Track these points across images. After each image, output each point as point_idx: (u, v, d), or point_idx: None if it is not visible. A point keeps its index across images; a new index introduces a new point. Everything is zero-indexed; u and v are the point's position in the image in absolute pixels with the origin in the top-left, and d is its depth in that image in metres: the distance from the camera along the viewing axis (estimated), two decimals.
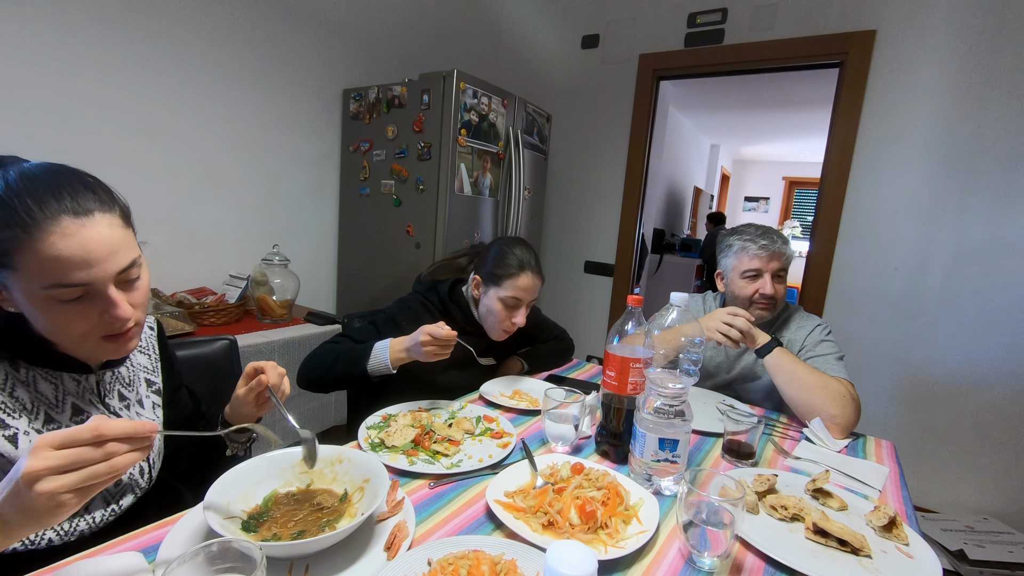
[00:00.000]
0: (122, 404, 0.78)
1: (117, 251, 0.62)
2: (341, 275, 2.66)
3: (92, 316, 0.62)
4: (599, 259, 3.12)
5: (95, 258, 0.60)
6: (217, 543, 0.51)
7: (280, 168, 2.32)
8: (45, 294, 0.59)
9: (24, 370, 0.67)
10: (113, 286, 0.63)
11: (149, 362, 0.87)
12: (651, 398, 0.86)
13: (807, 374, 1.18)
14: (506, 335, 1.33)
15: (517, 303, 1.28)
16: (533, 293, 1.30)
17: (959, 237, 2.12)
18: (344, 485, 0.77)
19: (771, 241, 1.36)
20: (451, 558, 0.62)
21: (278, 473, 0.77)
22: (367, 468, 0.76)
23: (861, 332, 2.33)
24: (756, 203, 8.41)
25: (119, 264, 0.62)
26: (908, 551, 0.74)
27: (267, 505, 0.72)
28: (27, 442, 0.64)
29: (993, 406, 2.10)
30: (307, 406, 2.00)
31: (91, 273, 0.60)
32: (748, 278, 1.38)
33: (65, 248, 0.58)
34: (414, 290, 1.42)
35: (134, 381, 0.82)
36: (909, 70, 2.16)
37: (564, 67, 3.09)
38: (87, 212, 0.60)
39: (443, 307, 1.35)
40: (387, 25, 2.67)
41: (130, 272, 0.64)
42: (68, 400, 0.70)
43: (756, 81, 4.11)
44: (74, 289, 0.60)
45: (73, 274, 0.59)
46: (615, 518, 0.73)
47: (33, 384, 0.67)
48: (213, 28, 1.98)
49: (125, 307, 0.63)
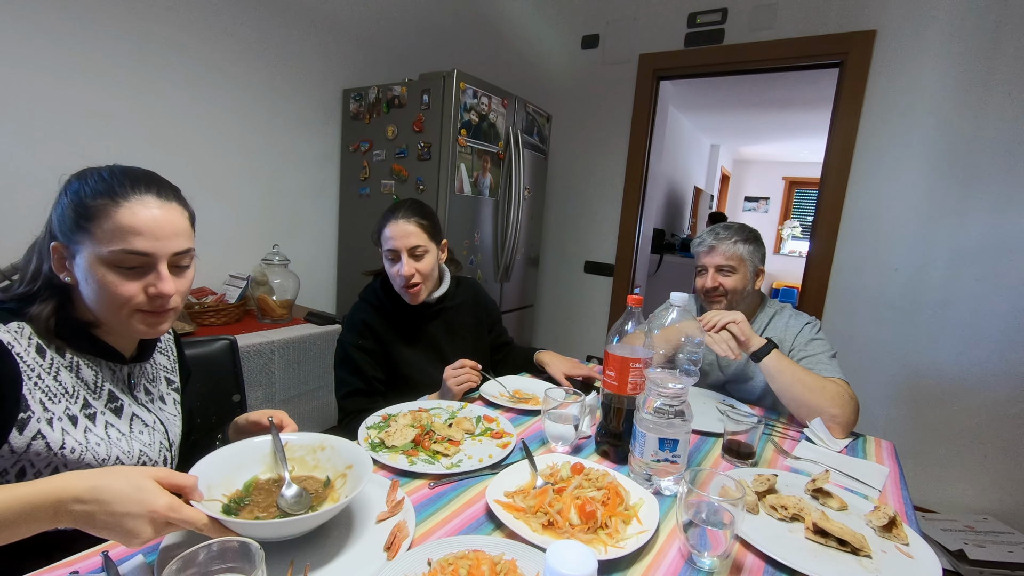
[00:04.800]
0: (147, 398, 0.83)
1: (180, 235, 0.72)
2: (341, 275, 2.66)
3: (139, 287, 0.69)
4: (599, 259, 3.12)
5: (163, 233, 0.69)
6: (217, 543, 0.51)
7: (280, 168, 2.32)
8: (109, 258, 0.67)
9: (69, 355, 0.72)
10: (166, 264, 0.70)
11: (168, 362, 0.92)
12: (651, 398, 0.86)
13: (805, 376, 1.17)
14: (415, 296, 1.28)
15: (395, 255, 1.25)
16: (407, 238, 1.23)
17: (959, 237, 2.12)
18: (327, 472, 0.76)
19: (712, 237, 1.40)
20: (451, 558, 0.62)
21: (259, 459, 0.76)
22: (350, 455, 0.76)
23: (861, 332, 2.33)
24: (756, 203, 8.40)
25: (179, 246, 0.72)
26: (908, 551, 0.74)
27: (248, 491, 0.72)
28: (60, 428, 0.67)
29: (993, 406, 2.10)
30: (307, 406, 2.00)
31: (154, 245, 0.69)
32: (698, 274, 1.45)
33: (142, 218, 0.68)
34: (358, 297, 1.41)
35: (156, 378, 0.87)
36: (909, 70, 2.16)
37: (564, 67, 3.09)
38: (167, 199, 0.72)
39: (377, 300, 1.34)
40: (387, 25, 2.67)
41: (183, 258, 0.73)
42: (106, 387, 0.75)
43: (756, 81, 4.10)
44: (136, 257, 0.68)
45: (140, 241, 0.67)
46: (615, 518, 0.73)
47: (76, 370, 0.72)
48: (213, 29, 1.98)
49: (172, 285, 0.71)
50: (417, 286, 1.27)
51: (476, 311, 1.49)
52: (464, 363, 1.23)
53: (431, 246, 1.28)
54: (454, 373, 1.21)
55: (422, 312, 1.35)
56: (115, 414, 0.75)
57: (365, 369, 1.27)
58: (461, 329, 1.44)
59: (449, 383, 1.20)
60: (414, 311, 1.34)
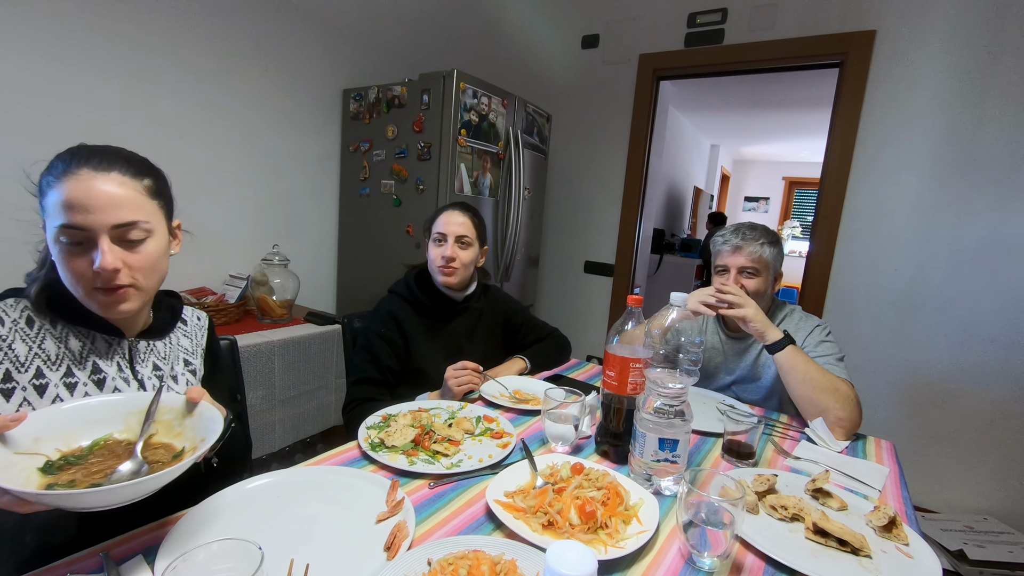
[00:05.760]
0: (155, 373, 0.84)
1: (119, 207, 0.69)
2: (341, 275, 2.66)
3: (85, 264, 0.68)
4: (599, 259, 3.12)
5: (95, 206, 0.67)
6: (217, 543, 0.51)
7: (280, 168, 2.32)
8: (55, 234, 0.67)
9: (60, 326, 0.74)
10: (107, 238, 0.68)
11: (190, 345, 0.93)
12: (651, 398, 0.86)
13: (819, 375, 1.17)
14: (448, 278, 1.37)
15: (442, 237, 1.37)
16: (458, 226, 1.37)
17: (959, 237, 2.12)
18: (184, 442, 0.67)
19: (739, 237, 1.36)
20: (451, 558, 0.62)
21: (120, 417, 0.68)
22: (207, 427, 0.66)
23: (861, 332, 2.33)
24: (756, 203, 8.41)
25: (117, 218, 0.68)
26: (908, 551, 0.74)
27: (91, 449, 0.64)
28: (20, 398, 0.69)
29: (993, 406, 2.10)
30: (307, 406, 2.00)
31: (88, 219, 0.67)
32: (718, 273, 1.41)
33: (75, 192, 0.67)
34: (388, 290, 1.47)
35: (170, 357, 0.88)
36: (909, 70, 2.16)
37: (564, 67, 3.09)
38: (105, 170, 0.69)
39: (410, 292, 1.40)
40: (387, 25, 2.67)
41: (129, 231, 0.70)
42: (91, 358, 0.76)
43: (756, 81, 4.10)
44: (73, 231, 0.67)
45: (74, 216, 0.66)
46: (615, 518, 0.73)
47: (64, 339, 0.74)
48: (213, 29, 1.98)
49: (109, 259, 0.67)
50: (453, 270, 1.36)
51: (498, 318, 1.55)
52: (466, 365, 1.24)
53: (475, 242, 1.40)
54: (455, 374, 1.22)
55: (447, 308, 1.42)
56: (97, 386, 0.76)
57: (381, 357, 1.31)
58: (481, 332, 1.50)
59: (450, 383, 1.21)
60: (440, 307, 1.41)
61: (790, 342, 1.20)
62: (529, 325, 1.62)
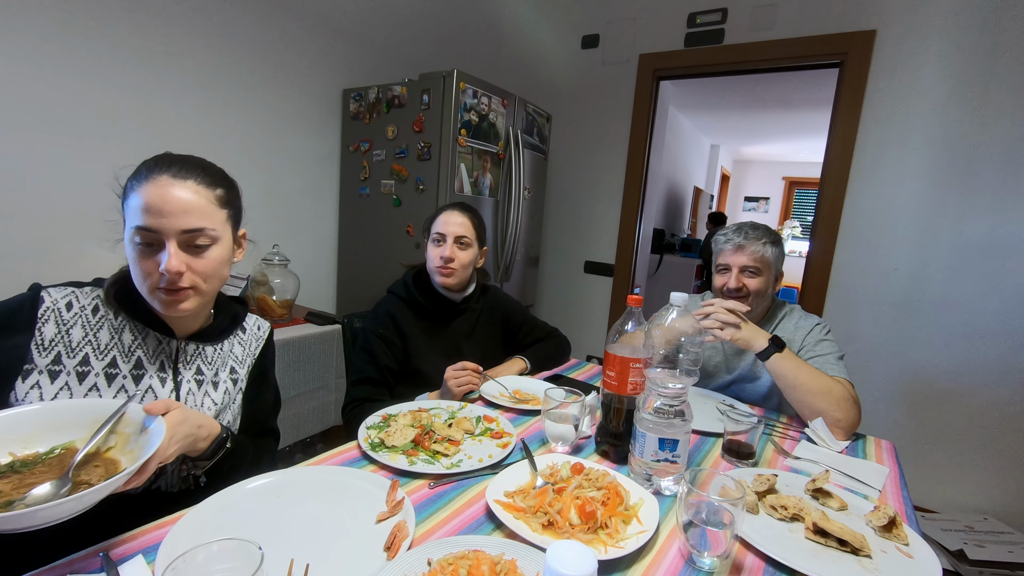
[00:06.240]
0: (196, 376, 0.85)
1: (190, 213, 0.73)
2: (341, 275, 2.66)
3: (153, 264, 0.72)
4: (599, 259, 3.12)
5: (168, 211, 0.71)
6: (217, 543, 0.51)
7: (280, 168, 2.32)
8: (130, 235, 0.72)
9: (120, 319, 0.79)
10: (175, 242, 0.72)
11: (242, 354, 0.94)
12: (651, 398, 0.86)
13: (811, 379, 1.16)
14: (446, 279, 1.37)
15: (441, 237, 1.36)
16: (457, 227, 1.36)
17: (959, 237, 2.12)
18: (130, 462, 0.63)
19: (742, 236, 1.36)
20: (451, 558, 0.62)
21: (87, 424, 0.65)
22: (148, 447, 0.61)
23: (861, 332, 2.33)
24: (756, 203, 8.41)
25: (187, 224, 0.73)
26: (908, 551, 0.74)
27: (45, 456, 0.62)
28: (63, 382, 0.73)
29: (993, 406, 2.10)
30: (307, 406, 2.00)
31: (160, 222, 0.71)
32: (719, 272, 1.41)
33: (152, 196, 0.71)
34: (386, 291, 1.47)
35: (216, 362, 0.89)
36: (909, 70, 2.16)
37: (564, 67, 3.09)
38: (183, 178, 0.74)
39: (407, 293, 1.40)
40: (387, 25, 2.67)
41: (196, 237, 0.74)
42: (137, 353, 0.79)
43: (756, 81, 4.11)
44: (146, 233, 0.71)
45: (149, 218, 0.71)
46: (615, 518, 0.73)
47: (119, 331, 0.78)
48: (212, 29, 1.98)
49: (174, 261, 0.72)
50: (451, 271, 1.36)
51: (497, 319, 1.55)
52: (466, 365, 1.24)
53: (474, 243, 1.40)
54: (455, 374, 1.22)
55: (445, 309, 1.42)
56: (134, 380, 0.78)
57: (380, 358, 1.31)
58: (479, 333, 1.49)
59: (449, 383, 1.21)
60: (438, 307, 1.41)
61: (777, 350, 1.19)
62: (529, 325, 1.62)
